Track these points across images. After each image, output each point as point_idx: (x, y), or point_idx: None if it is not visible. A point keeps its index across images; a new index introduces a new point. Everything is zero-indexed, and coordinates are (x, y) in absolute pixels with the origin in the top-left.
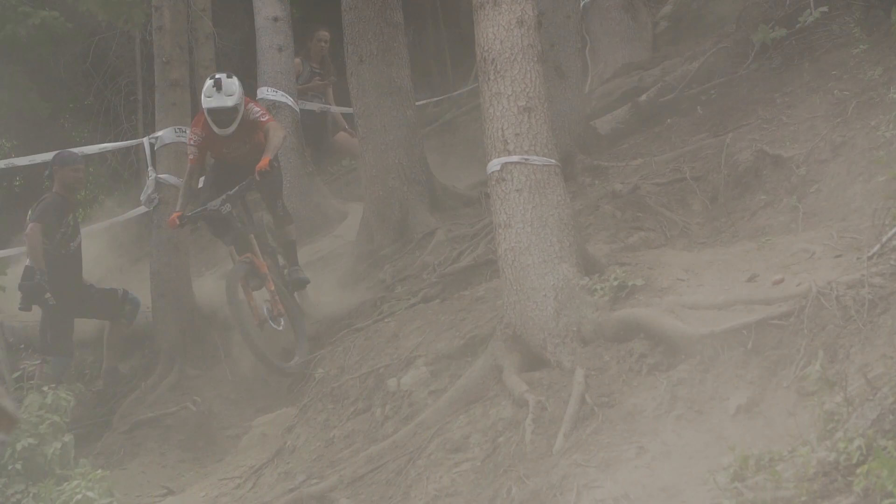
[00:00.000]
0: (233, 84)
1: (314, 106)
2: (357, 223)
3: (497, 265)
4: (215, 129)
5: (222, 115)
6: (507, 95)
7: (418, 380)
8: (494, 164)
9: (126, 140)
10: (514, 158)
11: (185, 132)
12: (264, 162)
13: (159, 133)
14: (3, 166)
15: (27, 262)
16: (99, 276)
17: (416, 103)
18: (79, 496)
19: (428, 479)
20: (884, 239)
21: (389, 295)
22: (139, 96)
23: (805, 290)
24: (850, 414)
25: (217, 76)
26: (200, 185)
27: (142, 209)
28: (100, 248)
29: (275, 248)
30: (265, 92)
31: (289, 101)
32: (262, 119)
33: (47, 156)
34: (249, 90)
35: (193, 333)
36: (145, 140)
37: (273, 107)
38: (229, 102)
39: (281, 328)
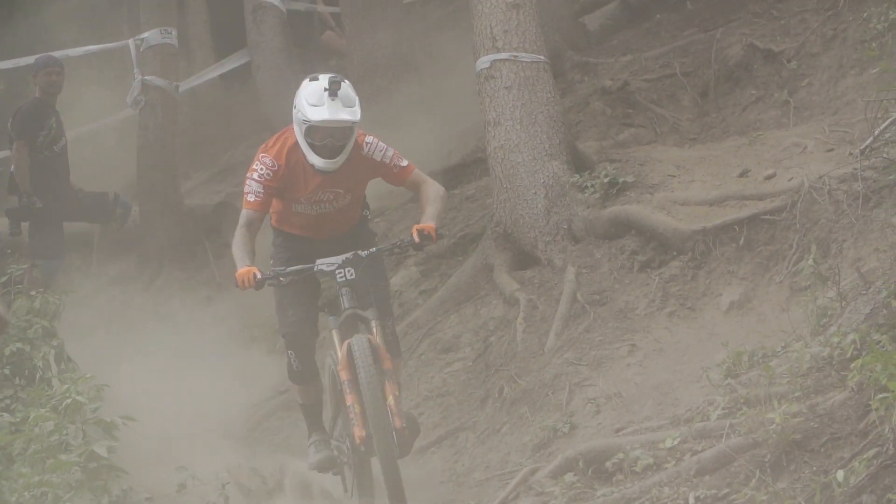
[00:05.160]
0: (352, 91)
1: (301, 5)
2: None
3: (487, 163)
4: (315, 159)
5: (334, 138)
6: None
7: (409, 280)
8: (483, 62)
9: (111, 42)
10: (503, 55)
11: (171, 33)
12: (431, 226)
13: (145, 35)
14: None
15: (11, 168)
16: (88, 179)
17: (405, 1)
18: (68, 400)
19: (419, 379)
20: (876, 132)
21: None
22: None
23: (797, 184)
24: (843, 308)
25: (331, 76)
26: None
27: (128, 112)
28: (87, 151)
29: None
30: None
31: (275, 0)
32: (400, 164)
33: (29, 59)
34: None
35: (181, 237)
36: (131, 42)
37: (259, 7)
38: (349, 116)
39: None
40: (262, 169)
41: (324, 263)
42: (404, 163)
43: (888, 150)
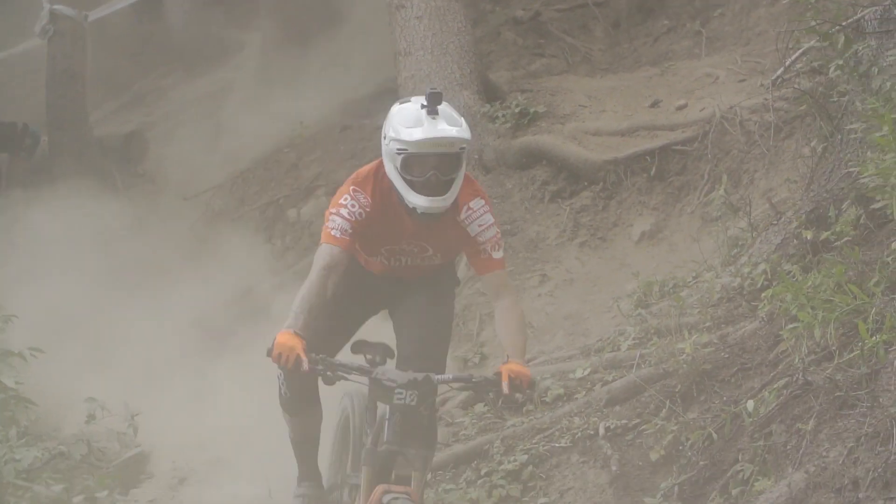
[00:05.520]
0: (454, 110)
1: None
2: (256, 54)
3: (397, 94)
4: (416, 199)
5: (440, 170)
6: None
7: (318, 210)
8: None
9: None
10: None
11: None
12: (526, 373)
13: None
14: None
15: None
16: None
17: None
18: None
19: None
20: (787, 63)
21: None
22: None
23: (709, 115)
24: (754, 239)
25: (430, 90)
26: None
27: (36, 41)
28: None
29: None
30: None
31: None
32: (493, 253)
33: None
34: None
35: (90, 166)
36: None
37: None
38: (458, 134)
39: None
40: (353, 206)
41: (384, 374)
42: (499, 254)
43: (799, 80)
